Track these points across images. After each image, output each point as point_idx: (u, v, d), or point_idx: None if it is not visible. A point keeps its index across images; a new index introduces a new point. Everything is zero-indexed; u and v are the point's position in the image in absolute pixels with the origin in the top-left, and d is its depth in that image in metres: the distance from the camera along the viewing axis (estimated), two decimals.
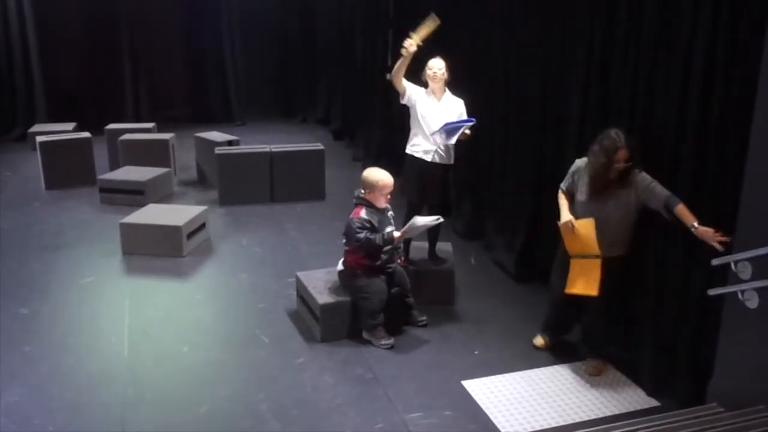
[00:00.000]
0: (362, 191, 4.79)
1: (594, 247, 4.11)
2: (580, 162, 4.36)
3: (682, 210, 3.82)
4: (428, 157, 5.18)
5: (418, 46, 4.98)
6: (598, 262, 4.12)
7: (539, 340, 4.74)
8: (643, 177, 4.07)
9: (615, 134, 4.04)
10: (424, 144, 5.19)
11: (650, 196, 4.01)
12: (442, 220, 4.94)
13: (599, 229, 4.11)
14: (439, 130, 5.03)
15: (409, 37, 4.99)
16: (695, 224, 3.73)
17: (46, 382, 4.28)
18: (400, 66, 5.08)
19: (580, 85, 4.91)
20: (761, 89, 3.34)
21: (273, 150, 7.85)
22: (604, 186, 4.12)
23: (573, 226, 4.21)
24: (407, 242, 5.37)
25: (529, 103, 5.62)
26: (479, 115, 5.28)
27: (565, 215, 4.30)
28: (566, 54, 5.11)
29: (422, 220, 4.80)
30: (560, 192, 4.45)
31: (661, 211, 3.95)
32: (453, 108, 5.19)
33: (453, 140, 5.06)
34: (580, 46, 4.88)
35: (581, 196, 4.29)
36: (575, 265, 4.25)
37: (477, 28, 6.40)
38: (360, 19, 9.60)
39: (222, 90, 11.97)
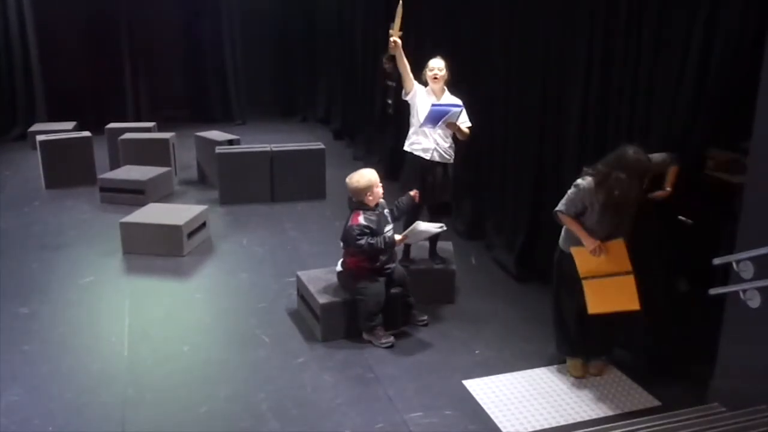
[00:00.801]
0: (354, 198, 4.76)
1: (627, 264, 3.99)
2: (584, 183, 4.00)
3: (672, 171, 4.00)
4: (427, 156, 5.18)
5: (400, 37, 5.08)
6: (631, 277, 3.98)
7: (576, 370, 4.37)
8: None
9: (636, 153, 3.81)
10: (424, 142, 5.18)
11: (655, 167, 3.98)
12: (444, 228, 4.90)
13: (615, 232, 4.03)
14: (426, 116, 5.01)
15: (389, 35, 5.08)
16: (668, 188, 3.98)
17: (46, 382, 4.27)
18: (400, 61, 5.12)
19: (580, 85, 4.91)
20: (761, 89, 3.34)
21: (273, 149, 7.85)
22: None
23: (603, 249, 4.01)
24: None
25: (529, 103, 5.62)
26: (479, 116, 5.26)
27: (592, 240, 4.02)
28: (566, 54, 5.10)
29: (424, 226, 4.76)
30: (565, 217, 4.09)
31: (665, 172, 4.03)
32: None
33: (437, 126, 5.05)
34: (580, 46, 4.87)
35: (594, 215, 4.04)
36: (599, 285, 4.04)
37: (477, 29, 6.40)
38: (360, 19, 9.60)
39: (222, 90, 11.98)
